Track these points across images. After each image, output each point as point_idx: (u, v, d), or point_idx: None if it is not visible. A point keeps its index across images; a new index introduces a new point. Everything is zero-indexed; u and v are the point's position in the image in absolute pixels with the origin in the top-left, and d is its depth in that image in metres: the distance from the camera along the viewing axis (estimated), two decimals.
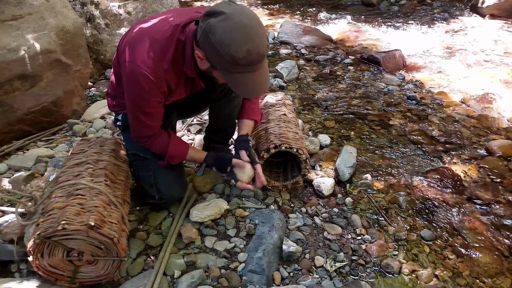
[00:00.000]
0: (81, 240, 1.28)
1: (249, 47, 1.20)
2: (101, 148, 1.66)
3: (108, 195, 1.41)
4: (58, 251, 1.28)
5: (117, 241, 1.28)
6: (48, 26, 2.43)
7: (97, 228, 1.25)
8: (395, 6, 5.71)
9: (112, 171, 1.56)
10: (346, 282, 1.54)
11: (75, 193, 1.36)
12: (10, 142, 2.32)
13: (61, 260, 1.30)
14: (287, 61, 3.57)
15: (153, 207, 1.82)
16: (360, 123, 2.73)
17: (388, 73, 3.56)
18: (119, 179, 1.58)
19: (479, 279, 1.60)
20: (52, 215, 1.28)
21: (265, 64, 1.32)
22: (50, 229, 1.22)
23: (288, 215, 1.83)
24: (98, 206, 1.33)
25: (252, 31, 1.22)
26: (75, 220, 1.25)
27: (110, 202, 1.40)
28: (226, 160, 1.68)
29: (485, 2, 4.92)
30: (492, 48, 4.04)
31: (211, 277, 1.51)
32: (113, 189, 1.49)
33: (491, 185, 2.13)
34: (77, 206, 1.30)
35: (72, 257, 1.30)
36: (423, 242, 1.77)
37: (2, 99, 2.22)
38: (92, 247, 1.30)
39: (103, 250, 1.31)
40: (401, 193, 2.05)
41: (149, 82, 1.36)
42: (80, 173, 1.48)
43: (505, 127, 2.68)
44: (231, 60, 1.21)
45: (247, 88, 1.33)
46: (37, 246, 1.25)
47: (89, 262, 1.33)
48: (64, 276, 1.34)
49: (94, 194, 1.38)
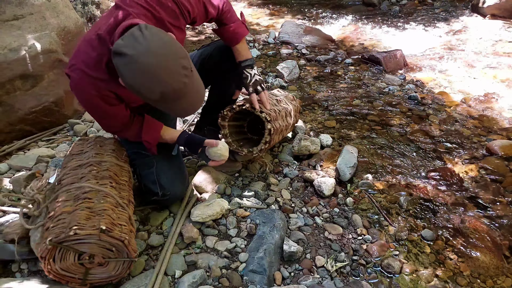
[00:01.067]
0: (93, 243, 1.28)
1: (162, 89, 1.13)
2: (101, 148, 1.66)
3: (115, 197, 1.41)
4: (69, 255, 1.29)
5: (128, 242, 1.30)
6: (49, 26, 2.44)
7: (108, 232, 1.26)
8: (396, 6, 5.70)
9: (116, 172, 1.56)
10: (347, 282, 1.54)
11: (82, 196, 1.36)
12: (11, 142, 2.32)
13: (73, 263, 1.30)
14: (288, 61, 3.56)
15: (157, 204, 1.82)
16: (361, 123, 2.73)
17: (389, 73, 3.56)
18: (123, 179, 1.58)
19: (480, 279, 1.61)
20: (62, 220, 1.28)
21: (190, 86, 1.19)
22: (62, 235, 1.22)
23: (289, 215, 1.83)
24: (106, 209, 1.34)
25: (161, 71, 1.11)
26: (86, 224, 1.25)
27: (117, 204, 1.41)
28: (197, 141, 1.68)
29: (486, 2, 4.91)
30: (493, 48, 4.04)
31: (212, 277, 1.51)
32: (119, 190, 1.49)
33: (492, 185, 2.13)
34: (86, 210, 1.31)
35: (84, 260, 1.30)
36: (424, 242, 1.77)
37: (4, 99, 2.22)
38: (103, 250, 1.31)
39: (114, 252, 1.32)
40: (402, 193, 2.05)
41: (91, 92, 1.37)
42: (84, 175, 1.47)
43: (506, 127, 2.67)
44: (148, 100, 1.19)
45: (177, 112, 1.32)
46: (49, 252, 1.24)
47: (100, 264, 1.34)
48: (75, 279, 1.34)
49: (102, 196, 1.39)
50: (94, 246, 1.29)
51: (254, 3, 6.22)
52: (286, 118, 2.06)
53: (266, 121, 1.81)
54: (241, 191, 1.95)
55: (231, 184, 2.00)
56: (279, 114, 1.95)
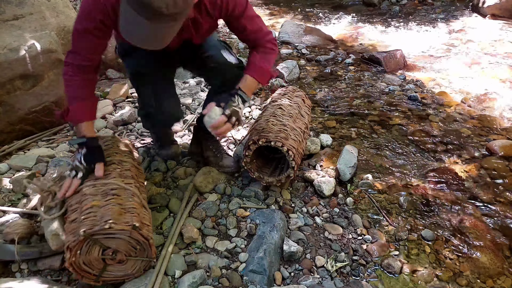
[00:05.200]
0: (122, 239, 1.30)
1: None
2: (118, 148, 1.64)
3: (140, 197, 1.43)
4: (95, 249, 1.29)
5: (153, 242, 1.32)
6: (49, 25, 2.44)
7: (140, 229, 1.28)
8: (396, 6, 5.70)
9: (136, 173, 1.57)
10: (347, 282, 1.54)
11: (111, 192, 1.37)
12: (11, 142, 2.32)
13: (96, 258, 1.31)
14: (288, 61, 3.56)
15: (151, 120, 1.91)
16: (361, 123, 2.73)
17: (389, 73, 3.56)
18: (141, 181, 1.59)
19: (480, 279, 1.61)
20: (93, 213, 1.28)
21: (166, 27, 1.16)
22: (97, 227, 1.23)
23: (289, 215, 1.83)
24: (136, 208, 1.35)
25: None
26: (120, 219, 1.27)
27: (142, 204, 1.42)
28: (96, 153, 1.51)
29: (486, 2, 4.91)
30: (493, 48, 4.04)
31: (212, 277, 1.51)
32: (141, 191, 1.49)
33: (492, 185, 2.13)
34: (117, 206, 1.32)
35: (107, 255, 1.31)
36: (424, 242, 1.77)
37: (4, 98, 2.22)
38: (128, 247, 1.33)
39: (137, 250, 1.34)
40: (402, 193, 2.06)
41: None
42: (109, 172, 1.46)
43: (506, 127, 2.67)
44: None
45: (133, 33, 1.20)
46: (78, 243, 1.24)
47: (120, 262, 1.35)
48: (91, 274, 1.34)
49: (129, 195, 1.39)
50: (121, 242, 1.30)
51: (254, 3, 6.22)
52: (304, 135, 2.06)
53: (291, 160, 1.82)
54: (241, 191, 1.95)
55: (231, 184, 2.00)
56: (301, 142, 1.96)
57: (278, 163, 2.06)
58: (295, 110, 2.10)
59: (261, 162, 2.03)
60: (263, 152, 2.05)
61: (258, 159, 2.01)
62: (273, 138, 1.79)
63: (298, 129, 1.99)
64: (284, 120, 1.96)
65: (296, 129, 1.96)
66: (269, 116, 1.98)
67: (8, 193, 1.87)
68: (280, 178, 1.90)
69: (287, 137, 1.85)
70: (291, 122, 1.98)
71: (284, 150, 1.79)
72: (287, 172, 1.87)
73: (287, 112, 2.04)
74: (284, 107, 2.07)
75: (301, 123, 2.06)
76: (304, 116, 2.15)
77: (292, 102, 2.15)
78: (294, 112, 2.07)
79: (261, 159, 2.04)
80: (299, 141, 1.93)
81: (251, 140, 1.84)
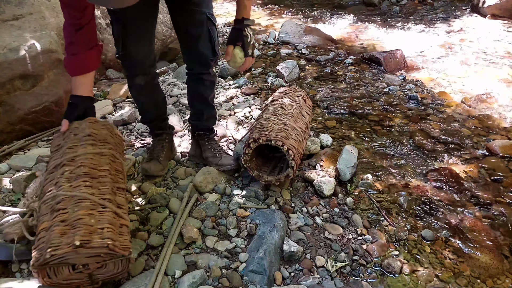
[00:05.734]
0: (76, 257, 1.23)
1: None
2: (75, 138, 1.50)
3: (91, 197, 1.31)
4: (62, 269, 1.25)
5: (113, 246, 1.23)
6: (49, 25, 2.44)
7: (86, 244, 1.19)
8: (396, 6, 5.70)
9: (92, 163, 1.43)
10: (347, 282, 1.54)
11: (56, 207, 1.28)
12: (11, 142, 2.32)
13: (70, 274, 1.27)
14: (288, 61, 3.56)
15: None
16: (361, 123, 2.73)
17: (389, 73, 3.56)
18: (102, 169, 1.45)
19: (480, 279, 1.61)
20: (41, 239, 1.23)
21: None
22: (41, 258, 1.18)
23: (289, 215, 1.83)
24: (82, 217, 1.25)
25: None
26: (61, 242, 1.19)
27: (95, 204, 1.31)
28: (68, 109, 1.56)
29: (486, 2, 4.91)
30: (493, 48, 4.04)
31: (212, 277, 1.51)
32: (96, 186, 1.37)
33: (492, 185, 2.13)
34: (60, 225, 1.23)
35: (79, 269, 1.27)
36: (424, 242, 1.77)
37: (4, 99, 2.22)
38: (93, 258, 1.26)
39: (104, 256, 1.27)
40: (402, 193, 2.06)
41: None
42: (57, 180, 1.38)
43: (506, 127, 2.67)
44: None
45: None
46: (38, 272, 1.22)
47: (99, 268, 1.30)
48: (83, 281, 1.32)
49: (75, 203, 1.29)
50: (80, 257, 1.23)
51: (254, 3, 6.22)
52: (304, 135, 2.06)
53: (290, 159, 1.82)
54: (241, 191, 1.95)
55: (231, 184, 2.00)
56: (301, 142, 1.95)
57: (278, 162, 2.06)
58: (296, 110, 2.10)
59: (260, 161, 2.03)
60: (263, 151, 2.05)
61: (258, 157, 2.01)
62: (273, 137, 1.80)
63: (299, 129, 1.99)
64: (285, 120, 1.96)
65: (297, 129, 1.96)
66: (270, 115, 1.98)
67: (8, 193, 1.87)
68: (279, 177, 1.90)
69: (288, 136, 1.85)
70: (292, 121, 1.98)
71: (284, 149, 1.80)
72: (286, 171, 1.88)
73: (288, 112, 2.04)
74: (286, 106, 2.08)
75: (301, 123, 2.06)
76: (305, 116, 2.15)
77: (294, 102, 2.16)
78: (295, 111, 2.07)
79: (261, 158, 2.04)
80: (299, 141, 1.93)
81: (252, 138, 1.84)
